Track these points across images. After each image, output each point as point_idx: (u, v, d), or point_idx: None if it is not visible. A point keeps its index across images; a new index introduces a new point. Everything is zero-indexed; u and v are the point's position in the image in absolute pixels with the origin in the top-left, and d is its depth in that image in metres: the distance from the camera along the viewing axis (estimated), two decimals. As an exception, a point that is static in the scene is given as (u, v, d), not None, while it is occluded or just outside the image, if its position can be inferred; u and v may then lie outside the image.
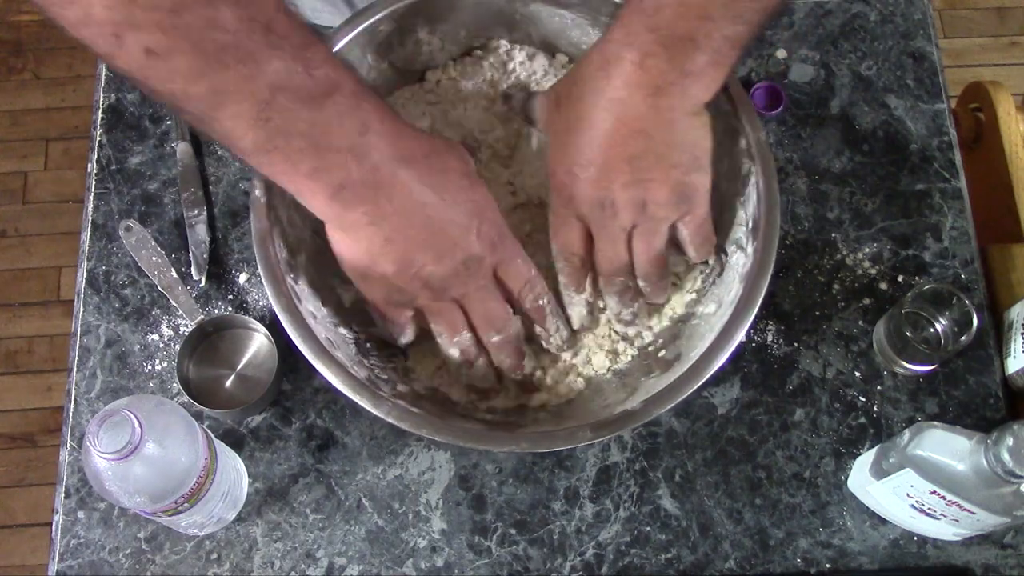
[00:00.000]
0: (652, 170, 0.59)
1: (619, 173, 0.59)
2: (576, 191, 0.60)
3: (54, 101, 1.80)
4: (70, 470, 0.73)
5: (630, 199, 0.60)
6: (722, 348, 0.61)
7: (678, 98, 0.57)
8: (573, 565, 0.71)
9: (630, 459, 0.74)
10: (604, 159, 0.58)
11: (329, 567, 0.71)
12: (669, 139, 0.58)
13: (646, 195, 0.60)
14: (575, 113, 0.59)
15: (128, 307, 0.78)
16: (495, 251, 0.61)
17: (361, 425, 0.75)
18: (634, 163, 0.58)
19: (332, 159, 0.53)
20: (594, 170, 0.59)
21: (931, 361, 0.74)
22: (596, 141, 0.58)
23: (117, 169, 0.82)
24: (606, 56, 0.57)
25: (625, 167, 0.58)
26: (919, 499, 0.65)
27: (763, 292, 0.62)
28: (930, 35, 0.88)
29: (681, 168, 0.59)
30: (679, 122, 0.58)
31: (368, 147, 0.54)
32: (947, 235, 0.81)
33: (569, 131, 0.60)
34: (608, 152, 0.58)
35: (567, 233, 0.64)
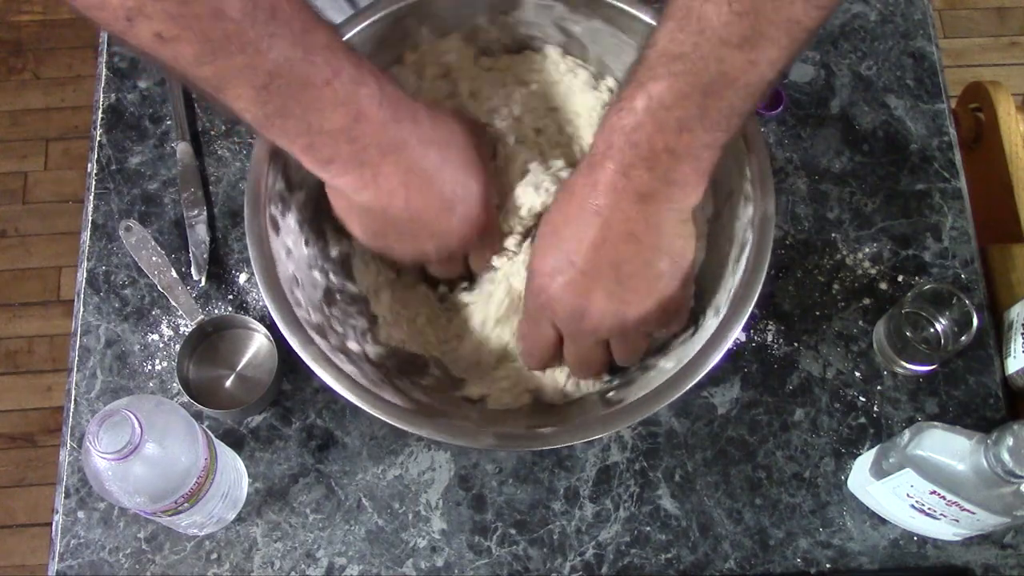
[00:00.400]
0: (636, 279, 0.58)
1: (602, 280, 0.58)
2: (553, 296, 0.60)
3: (54, 101, 1.80)
4: (70, 470, 0.73)
5: (610, 312, 0.59)
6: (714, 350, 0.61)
7: (663, 204, 0.57)
8: (573, 565, 0.71)
9: (630, 459, 0.74)
10: (588, 262, 0.58)
11: (329, 567, 0.71)
12: (656, 243, 0.58)
13: (626, 311, 0.59)
14: (563, 217, 0.59)
15: (128, 307, 0.78)
16: (469, 244, 0.64)
17: (361, 425, 0.75)
18: (619, 269, 0.58)
19: (323, 140, 0.55)
20: (576, 273, 0.58)
21: (931, 361, 0.74)
22: (583, 243, 0.58)
23: (117, 169, 0.82)
24: (593, 167, 0.57)
25: (609, 273, 0.58)
26: (919, 499, 0.65)
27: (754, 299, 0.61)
28: (930, 35, 0.88)
29: (665, 280, 0.59)
30: (666, 227, 0.58)
31: (361, 132, 0.56)
32: (947, 235, 0.81)
33: (556, 234, 0.59)
34: (594, 256, 0.57)
35: (538, 338, 0.64)
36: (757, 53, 0.53)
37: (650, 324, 0.61)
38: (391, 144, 0.57)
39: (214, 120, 0.84)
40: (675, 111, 0.54)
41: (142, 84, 0.85)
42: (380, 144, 0.56)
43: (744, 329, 0.78)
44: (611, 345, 0.63)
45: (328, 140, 0.55)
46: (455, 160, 0.61)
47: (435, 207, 0.60)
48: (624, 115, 0.55)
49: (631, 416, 0.60)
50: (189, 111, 0.83)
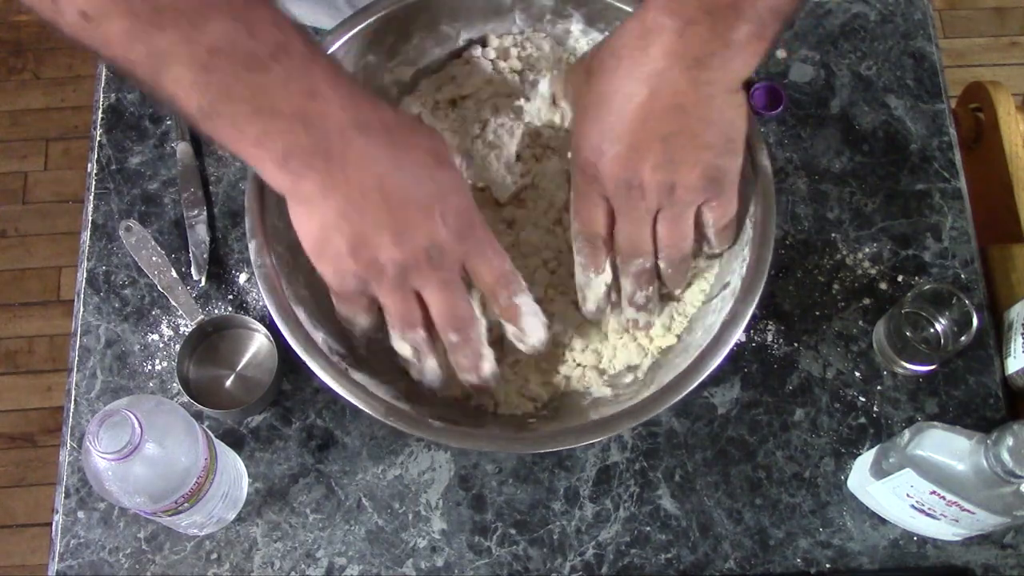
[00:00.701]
0: (684, 150, 0.56)
1: (650, 152, 0.56)
2: (602, 169, 0.57)
3: (54, 101, 1.80)
4: (70, 470, 0.73)
5: (659, 182, 0.57)
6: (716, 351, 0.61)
7: (719, 71, 0.54)
8: (573, 565, 0.71)
9: (630, 459, 0.74)
10: (635, 136, 0.55)
11: (329, 567, 0.71)
12: (706, 116, 0.55)
13: (675, 178, 0.57)
14: (608, 86, 0.56)
15: (128, 307, 0.78)
16: (463, 241, 0.55)
17: (361, 425, 0.75)
18: (667, 142, 0.55)
19: (277, 125, 0.50)
20: (623, 147, 0.56)
21: (931, 361, 0.74)
22: (628, 116, 0.55)
23: (117, 169, 0.82)
24: (646, 25, 0.54)
25: (657, 146, 0.56)
26: (919, 499, 0.65)
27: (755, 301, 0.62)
28: (930, 35, 0.88)
29: (714, 150, 0.57)
30: (717, 99, 0.55)
31: (317, 112, 0.50)
32: (947, 235, 0.81)
33: (600, 104, 0.57)
34: (640, 128, 0.55)
35: (590, 212, 0.61)
36: None
37: (698, 191, 0.58)
38: (353, 126, 0.51)
39: (214, 120, 0.84)
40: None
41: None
42: (341, 127, 0.50)
43: (744, 329, 0.77)
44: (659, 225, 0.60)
45: (282, 125, 0.49)
46: (425, 145, 0.55)
47: (415, 196, 0.53)
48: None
49: (633, 419, 0.60)
50: (189, 111, 0.83)
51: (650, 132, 0.55)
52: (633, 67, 0.55)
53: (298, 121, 0.50)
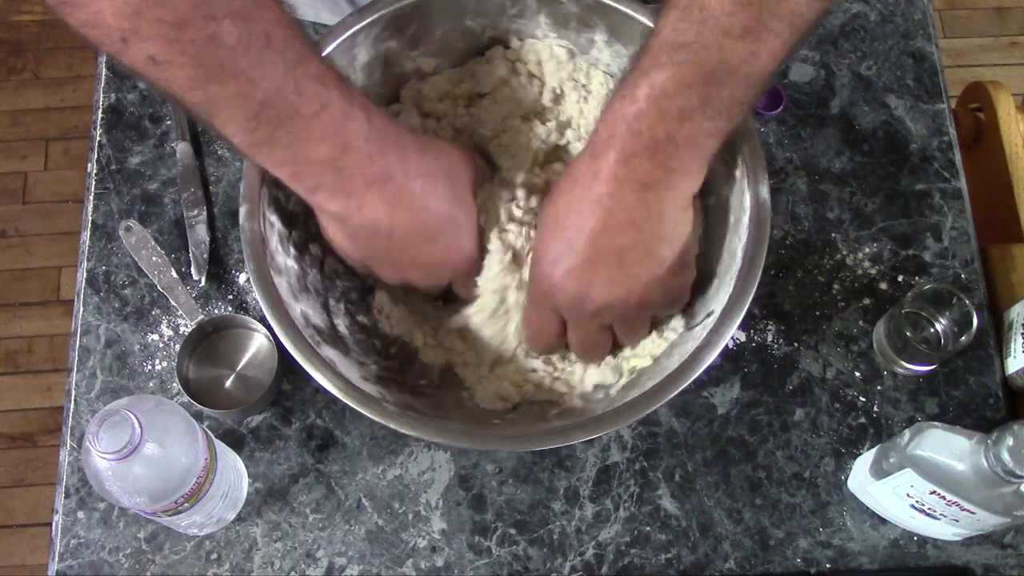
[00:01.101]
0: (639, 265, 0.59)
1: (604, 267, 0.59)
2: (556, 283, 0.60)
3: (54, 101, 1.80)
4: (70, 470, 0.73)
5: (611, 299, 0.60)
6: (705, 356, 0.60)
7: (664, 192, 0.57)
8: (573, 565, 0.71)
9: (630, 459, 0.74)
10: (590, 251, 0.58)
11: (329, 567, 0.71)
12: (658, 231, 0.58)
13: (629, 297, 0.60)
14: (565, 204, 0.60)
15: (128, 307, 0.78)
16: (453, 275, 0.65)
17: (361, 425, 0.75)
18: (622, 256, 0.58)
19: (310, 169, 0.56)
20: (579, 261, 0.59)
21: (931, 361, 0.74)
22: (585, 231, 0.58)
23: (117, 169, 0.82)
24: (595, 156, 0.57)
25: (612, 260, 0.58)
26: (919, 499, 0.65)
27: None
28: (930, 35, 0.88)
29: (666, 265, 0.60)
30: (667, 215, 0.58)
31: (347, 163, 0.56)
32: (947, 235, 0.81)
33: (558, 221, 0.60)
34: (595, 244, 0.58)
35: (541, 325, 0.64)
36: (759, 44, 0.53)
37: (652, 308, 0.62)
38: (376, 176, 0.57)
39: (214, 120, 0.84)
40: (677, 99, 0.54)
41: (142, 84, 0.85)
42: (365, 176, 0.57)
43: (744, 329, 0.78)
44: (615, 329, 0.64)
45: (314, 169, 0.56)
46: (442, 192, 0.61)
47: (419, 238, 0.61)
48: (626, 103, 0.55)
49: (629, 415, 0.60)
50: (189, 111, 0.83)
51: (604, 246, 0.58)
52: (587, 189, 0.58)
53: (329, 169, 0.56)
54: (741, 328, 0.78)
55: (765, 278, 0.79)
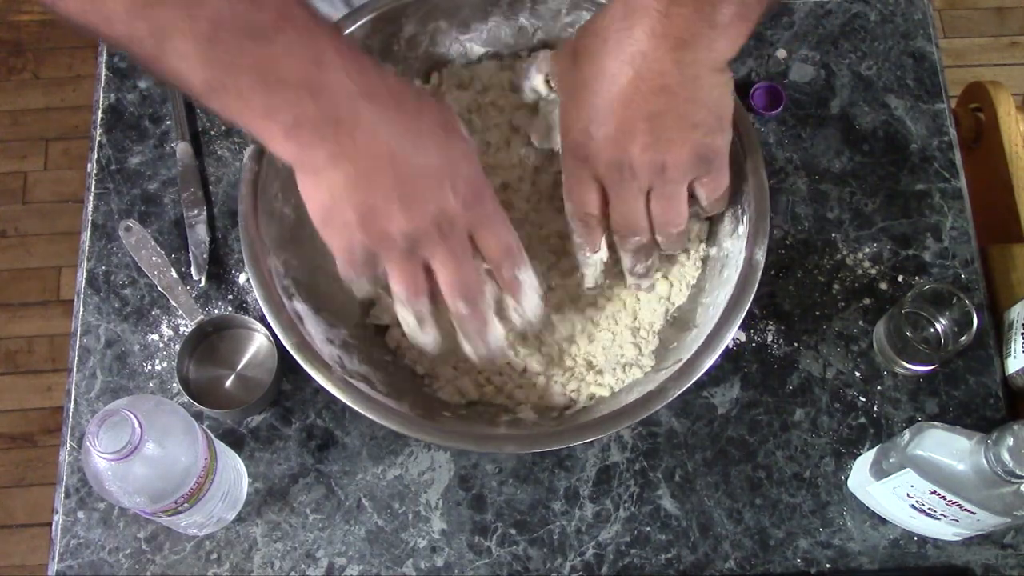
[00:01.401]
0: (672, 130, 0.57)
1: (638, 133, 0.56)
2: (592, 151, 0.58)
3: (54, 101, 1.80)
4: (70, 470, 0.73)
5: (649, 162, 0.57)
6: (711, 349, 0.61)
7: (703, 52, 0.54)
8: (573, 565, 0.71)
9: (630, 459, 0.74)
10: (622, 117, 0.56)
11: (329, 567, 0.71)
12: (692, 96, 0.56)
13: (666, 158, 0.57)
14: (593, 68, 0.57)
15: (128, 307, 0.78)
16: (472, 210, 0.55)
17: (361, 425, 0.75)
18: (654, 122, 0.56)
19: (284, 95, 0.49)
20: (611, 129, 0.56)
21: (931, 361, 0.74)
22: (615, 97, 0.56)
23: (117, 169, 0.82)
24: (629, 5, 0.54)
25: (644, 126, 0.56)
26: (919, 499, 0.65)
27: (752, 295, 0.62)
28: (930, 35, 0.88)
29: (703, 128, 0.57)
30: (703, 79, 0.56)
31: (324, 81, 0.49)
32: (947, 235, 0.81)
33: (586, 86, 0.57)
34: (627, 109, 0.56)
35: (582, 193, 0.61)
36: None
37: (688, 170, 0.59)
38: (361, 93, 0.50)
39: (214, 120, 0.84)
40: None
41: (142, 84, 0.85)
42: (349, 94, 0.50)
43: (744, 329, 0.78)
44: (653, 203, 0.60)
45: (289, 96, 0.49)
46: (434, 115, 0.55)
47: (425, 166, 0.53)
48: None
49: (628, 418, 0.60)
50: (189, 111, 0.83)
51: (637, 113, 0.56)
52: (618, 49, 0.55)
53: (305, 90, 0.49)
54: (741, 328, 0.78)
55: (765, 278, 0.79)
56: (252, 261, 0.62)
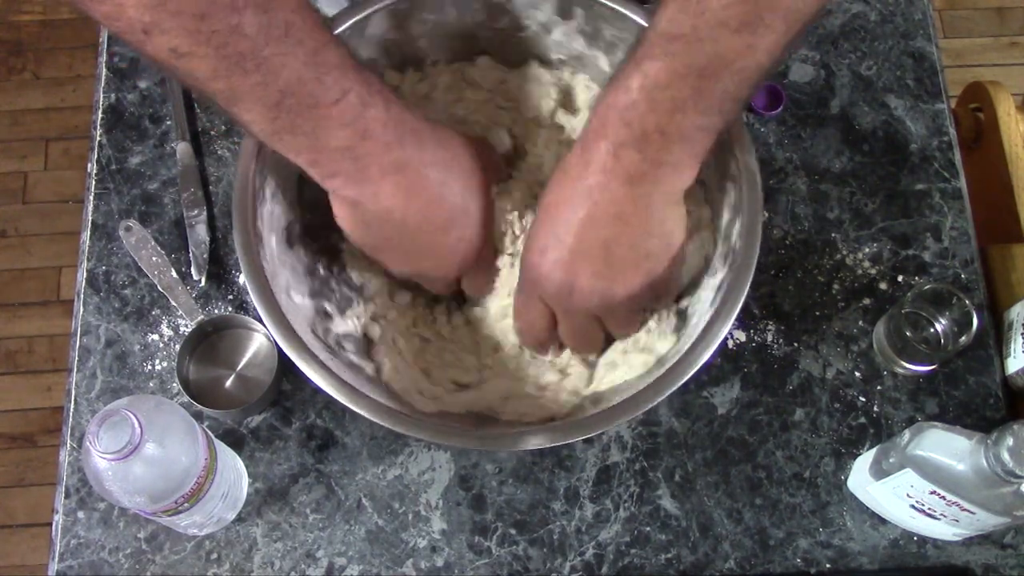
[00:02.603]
0: (624, 259, 0.59)
1: (591, 259, 0.59)
2: (543, 273, 0.61)
3: (54, 101, 1.80)
4: (70, 470, 0.73)
5: (597, 290, 0.60)
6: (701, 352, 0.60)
7: (653, 186, 0.57)
8: (573, 565, 0.71)
9: (630, 459, 0.74)
10: (577, 242, 0.59)
11: (329, 567, 0.71)
12: (645, 227, 0.59)
13: (614, 289, 0.60)
14: (556, 196, 0.60)
15: (128, 307, 0.78)
16: (464, 268, 0.65)
17: (361, 425, 0.75)
18: (607, 249, 0.59)
19: (330, 156, 0.56)
20: (566, 252, 0.59)
21: (931, 361, 0.74)
22: (574, 222, 0.58)
23: (117, 169, 0.82)
24: (586, 148, 0.58)
25: (598, 252, 0.59)
26: (919, 499, 0.65)
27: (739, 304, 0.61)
28: (930, 35, 0.88)
29: (653, 259, 0.60)
30: (655, 209, 0.58)
31: (365, 151, 0.57)
32: (947, 235, 0.81)
33: (548, 212, 0.60)
34: (582, 235, 0.58)
35: (530, 314, 0.65)
36: (755, 38, 0.53)
37: (638, 301, 0.62)
38: (393, 165, 0.58)
39: (214, 120, 0.84)
40: (669, 91, 0.54)
41: (142, 84, 0.85)
42: (382, 164, 0.57)
43: (744, 329, 0.78)
44: (604, 321, 0.64)
45: (333, 157, 0.56)
46: (456, 183, 0.62)
47: (432, 227, 0.62)
48: (619, 94, 0.55)
49: (624, 414, 0.60)
50: (189, 111, 0.83)
51: (591, 238, 0.59)
52: (577, 182, 0.58)
53: (347, 157, 0.57)
54: (741, 328, 0.78)
55: (765, 278, 0.79)
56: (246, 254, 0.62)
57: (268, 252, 0.64)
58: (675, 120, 0.55)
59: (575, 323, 0.64)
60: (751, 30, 0.53)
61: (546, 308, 0.63)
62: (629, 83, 0.55)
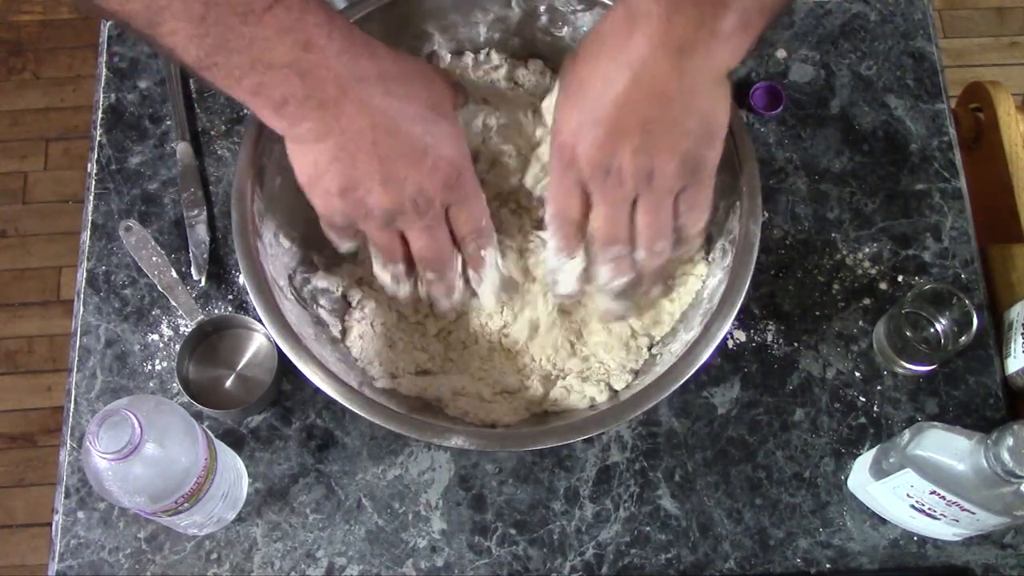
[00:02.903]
0: (664, 137, 0.56)
1: (629, 137, 0.55)
2: (580, 153, 0.57)
3: (54, 101, 1.80)
4: (70, 470, 0.73)
5: (637, 168, 0.56)
6: (701, 351, 0.60)
7: (703, 60, 0.54)
8: (573, 565, 0.71)
9: (630, 459, 0.74)
10: (615, 120, 0.55)
11: (329, 567, 0.71)
12: (687, 105, 0.55)
13: (654, 164, 0.56)
14: (590, 70, 0.56)
15: (128, 307, 0.78)
16: (450, 191, 0.59)
17: (361, 425, 0.75)
18: (646, 127, 0.55)
19: (273, 76, 0.51)
20: (603, 131, 0.56)
21: (931, 361, 0.74)
22: (609, 100, 0.55)
23: (117, 169, 0.82)
24: (631, 10, 0.53)
25: (636, 131, 0.55)
26: (919, 499, 0.65)
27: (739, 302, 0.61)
28: (930, 35, 0.88)
29: (693, 137, 0.56)
30: (700, 88, 0.55)
31: (312, 63, 0.51)
32: (947, 235, 0.81)
33: (582, 87, 0.56)
34: (621, 113, 0.55)
35: (566, 198, 0.60)
36: None
37: (675, 178, 0.58)
38: (348, 77, 0.52)
39: (214, 120, 0.84)
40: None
41: (142, 84, 0.85)
42: (337, 78, 0.52)
43: (744, 329, 0.78)
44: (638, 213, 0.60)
45: (277, 77, 0.51)
46: (422, 98, 0.57)
47: (406, 147, 0.56)
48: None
49: (624, 414, 0.60)
50: (189, 111, 0.83)
51: (630, 118, 0.55)
52: (617, 52, 0.54)
53: (294, 72, 0.51)
54: (741, 328, 0.78)
55: (765, 278, 0.79)
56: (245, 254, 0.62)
57: (266, 238, 0.64)
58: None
59: (610, 208, 0.59)
60: None
61: (581, 190, 0.59)
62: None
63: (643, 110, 0.55)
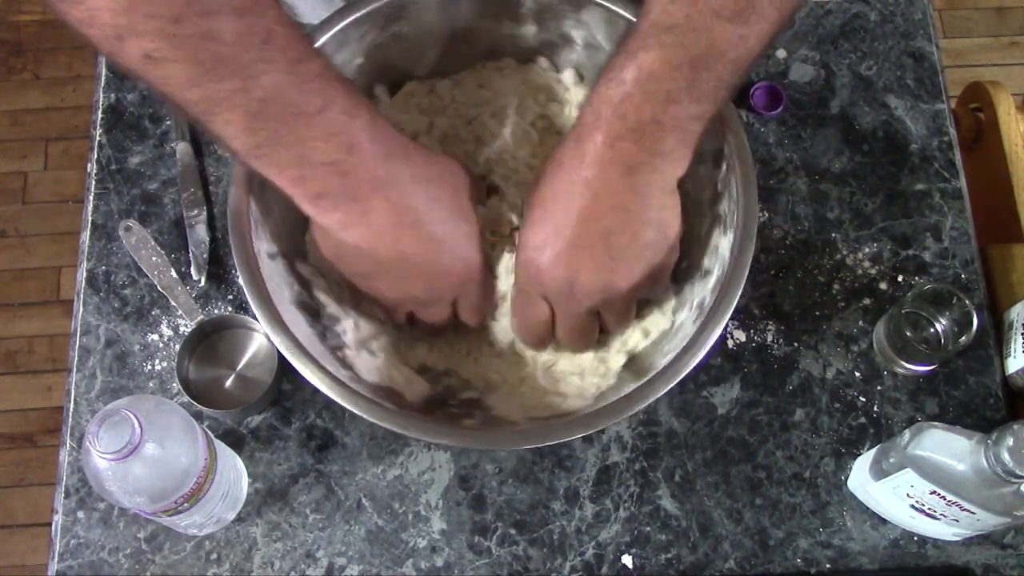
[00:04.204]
0: (626, 249, 0.59)
1: (591, 251, 0.58)
2: (543, 268, 0.60)
3: (54, 101, 1.80)
4: (70, 470, 0.73)
5: (598, 283, 0.59)
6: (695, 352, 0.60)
7: (651, 175, 0.57)
8: (573, 565, 0.71)
9: (630, 459, 0.74)
10: (578, 234, 0.58)
11: (329, 567, 0.71)
12: (644, 215, 0.58)
13: (615, 281, 0.59)
14: (552, 190, 0.59)
15: (128, 307, 0.78)
16: (459, 287, 0.63)
17: (361, 425, 0.75)
18: (608, 239, 0.58)
19: (315, 172, 0.54)
20: (565, 245, 0.58)
21: (931, 361, 0.74)
22: (570, 216, 0.58)
23: (117, 169, 0.82)
24: (580, 139, 0.57)
25: (599, 243, 0.58)
26: (919, 499, 0.65)
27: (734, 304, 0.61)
28: (930, 35, 0.88)
29: (652, 249, 0.60)
30: (653, 198, 0.58)
31: (353, 165, 0.55)
32: (947, 235, 0.81)
33: (544, 206, 0.59)
34: (582, 227, 0.58)
35: (530, 313, 0.64)
36: (748, 27, 0.53)
37: (639, 291, 0.61)
38: (383, 180, 0.56)
39: (214, 120, 0.84)
40: (664, 83, 0.54)
41: (143, 84, 0.85)
42: (372, 179, 0.56)
43: (744, 329, 0.78)
44: (602, 315, 0.63)
45: (319, 173, 0.54)
46: (446, 200, 0.61)
47: (424, 248, 0.60)
48: (612, 86, 0.55)
49: (622, 411, 0.60)
50: (189, 111, 0.83)
51: (592, 230, 0.58)
52: (572, 174, 0.58)
53: (335, 171, 0.54)
54: (741, 328, 0.78)
55: (765, 278, 0.79)
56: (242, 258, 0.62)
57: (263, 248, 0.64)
58: (670, 110, 0.55)
59: (573, 319, 0.63)
60: (744, 19, 0.53)
61: (545, 304, 0.63)
62: (623, 75, 0.55)
63: (604, 221, 0.58)
